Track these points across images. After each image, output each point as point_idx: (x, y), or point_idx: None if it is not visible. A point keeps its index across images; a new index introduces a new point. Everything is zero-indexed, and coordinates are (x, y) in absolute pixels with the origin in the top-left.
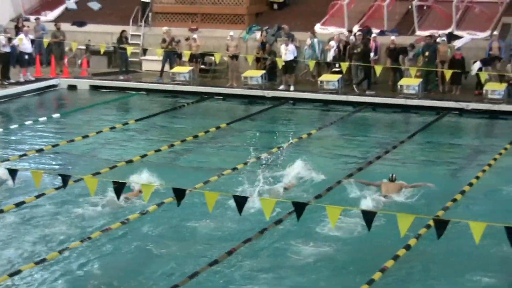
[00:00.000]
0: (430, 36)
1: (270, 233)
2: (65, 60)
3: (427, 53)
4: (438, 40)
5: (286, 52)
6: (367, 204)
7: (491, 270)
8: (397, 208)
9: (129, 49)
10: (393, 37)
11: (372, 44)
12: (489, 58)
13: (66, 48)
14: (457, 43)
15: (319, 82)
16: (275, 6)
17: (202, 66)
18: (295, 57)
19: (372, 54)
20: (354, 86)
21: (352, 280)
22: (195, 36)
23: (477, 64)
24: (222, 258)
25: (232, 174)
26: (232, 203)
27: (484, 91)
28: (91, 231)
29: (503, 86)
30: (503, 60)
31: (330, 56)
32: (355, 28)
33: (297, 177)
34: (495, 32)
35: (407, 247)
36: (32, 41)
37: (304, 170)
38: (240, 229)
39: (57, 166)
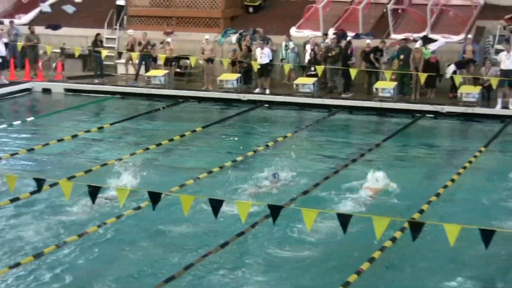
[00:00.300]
0: (405, 40)
1: (247, 236)
2: (40, 64)
3: (402, 57)
4: (416, 45)
5: (262, 56)
6: (346, 206)
7: (466, 272)
8: (374, 210)
9: (104, 53)
10: (368, 41)
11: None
12: (464, 61)
13: (41, 52)
14: (431, 46)
15: (294, 85)
16: (251, 10)
17: (178, 70)
18: (271, 60)
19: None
20: (342, 93)
21: (327, 283)
22: (168, 39)
23: (452, 67)
24: (198, 261)
25: (208, 177)
26: (208, 206)
27: (458, 94)
28: (67, 235)
29: (478, 89)
30: (477, 63)
31: (305, 60)
32: (331, 32)
33: (276, 179)
34: (469, 35)
35: (383, 249)
36: (6, 45)
37: (282, 173)
38: (217, 232)
39: (32, 170)
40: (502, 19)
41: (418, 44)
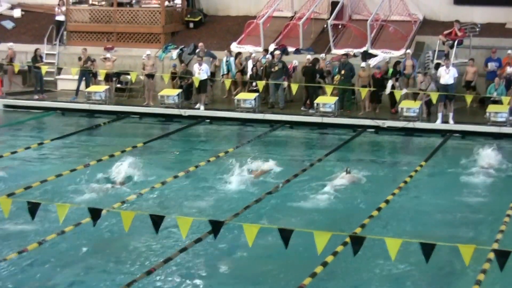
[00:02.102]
0: (346, 55)
1: (190, 251)
2: None
3: (343, 72)
4: (362, 64)
5: (200, 72)
6: (288, 220)
7: (408, 286)
8: (316, 224)
9: (44, 68)
10: (309, 56)
11: (290, 64)
12: (393, 70)
13: None
14: (371, 62)
15: (236, 100)
16: (191, 25)
17: (118, 85)
18: (213, 75)
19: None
20: (303, 107)
21: None
22: (108, 55)
23: (390, 82)
24: (141, 277)
25: (150, 192)
26: (150, 221)
27: (399, 109)
28: (6, 252)
29: (418, 104)
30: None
31: (247, 75)
32: (271, 47)
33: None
34: (409, 51)
35: (325, 264)
36: None
37: (221, 188)
38: (160, 247)
39: None
40: (441, 35)
41: (364, 64)
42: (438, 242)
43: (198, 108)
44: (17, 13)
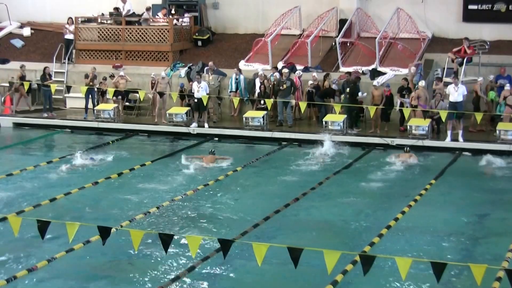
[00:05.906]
0: (349, 73)
1: (198, 271)
2: None
3: (348, 90)
4: (374, 83)
5: (199, 90)
6: (297, 239)
7: None
8: (325, 243)
9: (53, 87)
10: (314, 74)
11: (297, 81)
12: (400, 86)
13: None
14: (380, 79)
15: (244, 118)
16: (199, 43)
17: (127, 103)
18: (208, 94)
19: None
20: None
21: None
22: (121, 73)
23: (399, 101)
24: None
25: (157, 212)
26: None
27: (408, 127)
28: (16, 270)
29: (427, 122)
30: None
31: (255, 93)
32: (280, 65)
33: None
34: (413, 68)
35: (334, 283)
36: None
37: (231, 206)
38: (168, 266)
39: None
40: (450, 52)
41: (376, 82)
42: (449, 262)
43: (208, 126)
44: (26, 31)
